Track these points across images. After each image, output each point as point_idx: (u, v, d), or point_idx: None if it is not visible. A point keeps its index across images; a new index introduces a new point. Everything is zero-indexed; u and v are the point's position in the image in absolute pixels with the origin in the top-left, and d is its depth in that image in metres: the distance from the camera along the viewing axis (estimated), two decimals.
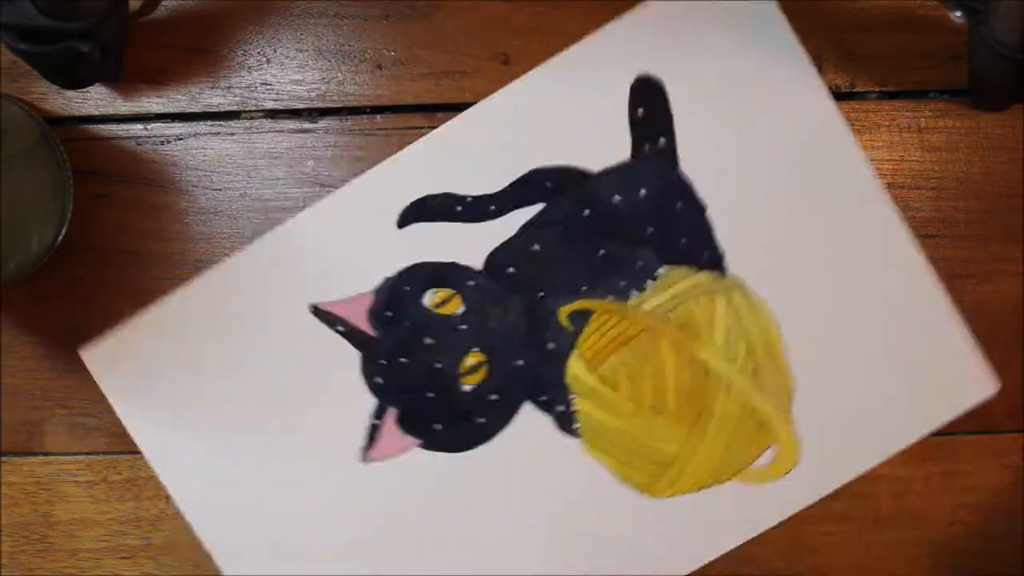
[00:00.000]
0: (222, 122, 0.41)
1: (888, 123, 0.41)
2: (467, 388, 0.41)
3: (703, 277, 0.41)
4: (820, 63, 0.40)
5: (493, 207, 0.41)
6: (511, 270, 0.41)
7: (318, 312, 0.40)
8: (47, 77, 0.39)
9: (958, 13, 0.34)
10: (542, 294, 0.41)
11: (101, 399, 0.42)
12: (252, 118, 0.41)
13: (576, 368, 0.41)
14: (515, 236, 0.41)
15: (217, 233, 0.42)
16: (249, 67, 0.41)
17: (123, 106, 0.41)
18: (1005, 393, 0.42)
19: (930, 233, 0.41)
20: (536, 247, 0.41)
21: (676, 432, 0.41)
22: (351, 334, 0.40)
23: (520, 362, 0.41)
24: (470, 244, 0.41)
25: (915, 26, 0.40)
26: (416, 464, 0.41)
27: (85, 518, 0.43)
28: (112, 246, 0.42)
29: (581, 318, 0.41)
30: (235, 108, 0.41)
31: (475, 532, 0.41)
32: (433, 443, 0.41)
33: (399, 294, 0.41)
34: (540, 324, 0.41)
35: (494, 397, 0.41)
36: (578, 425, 0.41)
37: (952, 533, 0.42)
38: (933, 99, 0.41)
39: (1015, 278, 0.41)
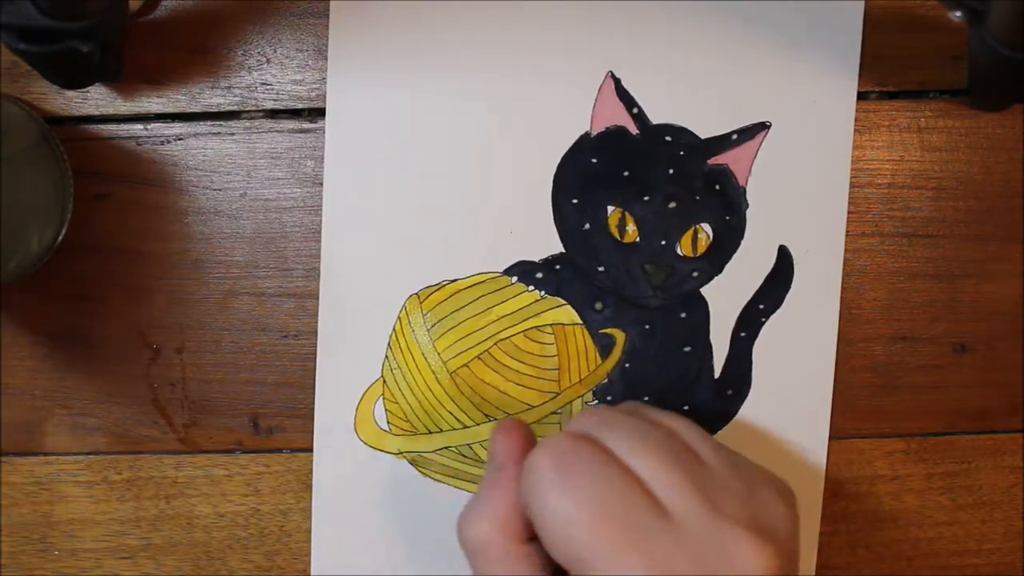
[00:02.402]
0: (222, 122, 0.41)
1: (888, 123, 0.41)
2: None
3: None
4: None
5: None
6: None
7: None
8: (47, 77, 0.39)
9: (958, 13, 0.34)
10: None
11: (101, 399, 0.42)
12: (252, 118, 0.41)
13: None
14: None
15: (217, 233, 0.42)
16: (249, 67, 0.41)
17: (123, 106, 0.41)
18: (1005, 393, 0.42)
19: (930, 233, 0.41)
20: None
21: None
22: None
23: None
24: None
25: (915, 26, 0.40)
26: None
27: (85, 518, 0.43)
28: (112, 246, 0.42)
29: None
30: (235, 108, 0.41)
31: None
32: None
33: None
34: None
35: None
36: None
37: (952, 533, 0.42)
38: (933, 99, 0.41)
39: (1015, 278, 0.41)
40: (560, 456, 0.31)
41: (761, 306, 0.41)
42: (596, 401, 0.41)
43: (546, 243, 0.41)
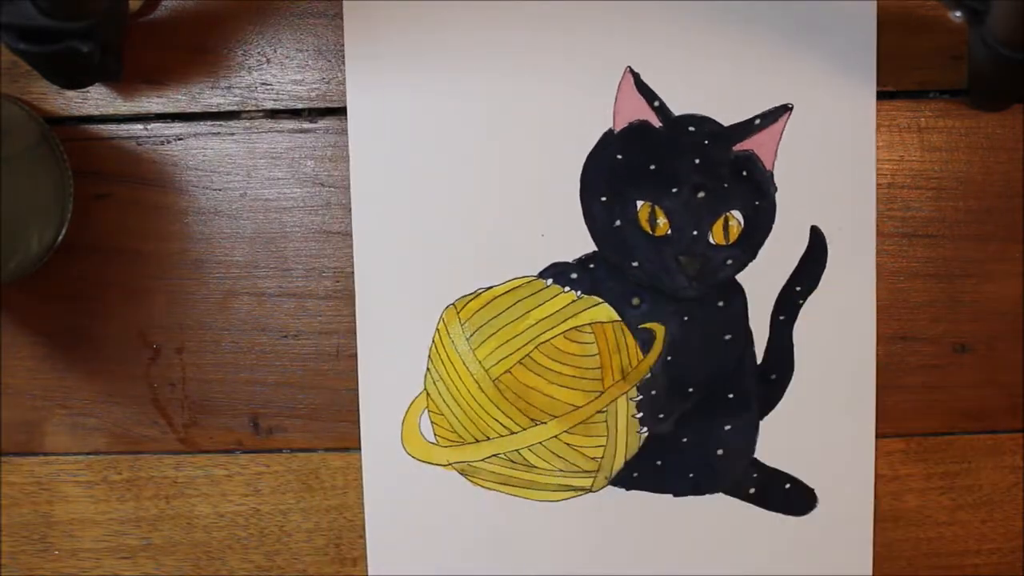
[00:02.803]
0: (222, 122, 0.41)
1: (888, 123, 0.41)
2: None
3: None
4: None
5: None
6: None
7: None
8: (47, 77, 0.39)
9: (958, 13, 0.34)
10: None
11: (101, 399, 0.42)
12: (252, 118, 0.41)
13: None
14: None
15: (217, 233, 0.42)
16: (249, 67, 0.41)
17: (123, 106, 0.41)
18: (1005, 393, 0.42)
19: (930, 233, 0.41)
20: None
21: None
22: None
23: None
24: None
25: (915, 26, 0.40)
26: None
27: (85, 518, 0.43)
28: (112, 246, 0.42)
29: None
30: (235, 108, 0.41)
31: None
32: None
33: None
34: None
35: None
36: None
37: (952, 533, 0.42)
38: (933, 99, 0.41)
39: (1015, 278, 0.41)
40: None
41: (798, 288, 0.41)
42: (641, 397, 0.41)
43: (578, 243, 0.41)
